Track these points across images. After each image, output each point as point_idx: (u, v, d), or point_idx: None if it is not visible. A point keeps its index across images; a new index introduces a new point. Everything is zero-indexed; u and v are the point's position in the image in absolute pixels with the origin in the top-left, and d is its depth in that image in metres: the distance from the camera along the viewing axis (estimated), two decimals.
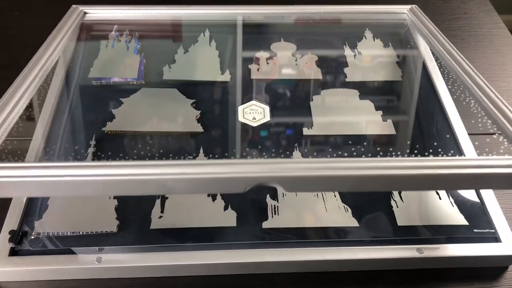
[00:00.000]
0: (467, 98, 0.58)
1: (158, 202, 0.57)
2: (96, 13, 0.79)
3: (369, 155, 0.63)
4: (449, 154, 0.63)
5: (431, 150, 0.64)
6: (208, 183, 0.42)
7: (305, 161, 0.43)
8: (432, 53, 0.76)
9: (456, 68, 0.60)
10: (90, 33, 0.78)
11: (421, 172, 0.42)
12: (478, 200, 0.59)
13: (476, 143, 0.66)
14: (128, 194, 0.43)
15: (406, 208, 0.58)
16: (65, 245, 0.53)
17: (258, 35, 0.80)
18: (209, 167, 0.41)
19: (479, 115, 0.55)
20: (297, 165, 0.43)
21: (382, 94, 0.72)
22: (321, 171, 0.41)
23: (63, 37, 0.66)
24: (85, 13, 0.78)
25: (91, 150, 0.62)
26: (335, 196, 0.59)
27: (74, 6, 0.76)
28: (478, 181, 0.44)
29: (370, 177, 0.42)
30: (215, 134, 0.65)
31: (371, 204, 0.58)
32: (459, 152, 0.64)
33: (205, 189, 0.44)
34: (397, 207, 0.58)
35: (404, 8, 0.83)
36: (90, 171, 0.40)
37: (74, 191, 0.42)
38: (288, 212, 0.57)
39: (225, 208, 0.57)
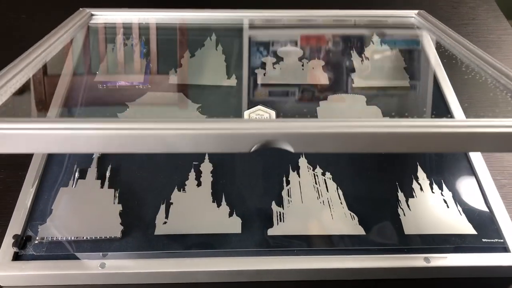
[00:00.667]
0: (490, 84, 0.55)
1: (162, 207, 0.57)
2: (104, 15, 0.79)
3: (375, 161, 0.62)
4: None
5: (438, 159, 0.64)
6: (211, 140, 0.39)
7: (313, 120, 0.40)
8: (442, 53, 0.75)
9: (476, 59, 0.58)
10: (97, 36, 0.78)
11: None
12: (486, 209, 0.58)
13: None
14: (129, 151, 0.40)
15: (413, 216, 0.57)
16: (68, 250, 0.53)
17: (265, 40, 0.80)
18: (213, 123, 0.39)
19: None
20: (306, 123, 0.40)
21: (390, 100, 0.71)
22: (329, 128, 0.39)
23: (65, 32, 0.65)
24: (92, 14, 0.78)
25: (96, 155, 0.62)
26: (341, 203, 0.58)
27: (81, 8, 0.76)
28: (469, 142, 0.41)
29: (375, 136, 0.39)
30: None
31: (378, 212, 0.57)
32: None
33: (207, 146, 0.40)
34: (404, 215, 0.57)
35: (411, 12, 0.83)
36: (96, 125, 0.39)
37: (74, 146, 0.39)
38: (293, 219, 0.56)
39: (230, 215, 0.56)
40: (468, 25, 0.91)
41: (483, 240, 0.55)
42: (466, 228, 0.56)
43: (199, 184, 0.60)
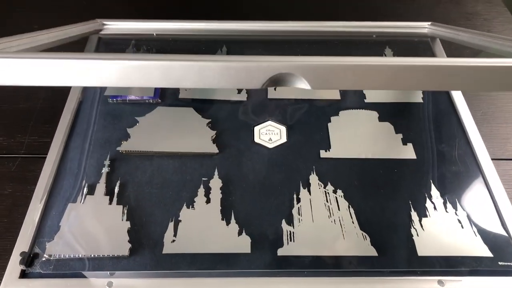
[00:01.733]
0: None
1: (171, 225, 0.56)
2: (115, 25, 0.79)
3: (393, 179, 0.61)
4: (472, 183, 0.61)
5: (453, 177, 0.62)
6: (221, 73, 0.37)
7: (329, 57, 0.38)
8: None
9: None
10: (108, 47, 0.78)
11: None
12: (503, 230, 0.57)
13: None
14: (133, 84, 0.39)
15: (427, 237, 0.56)
16: (76, 268, 0.52)
17: (275, 52, 0.79)
18: (223, 59, 0.37)
19: None
20: (323, 58, 0.38)
21: (402, 116, 0.70)
22: (342, 62, 0.38)
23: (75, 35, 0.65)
24: (104, 24, 0.79)
25: (105, 170, 0.61)
26: (353, 222, 0.57)
27: (94, 20, 0.77)
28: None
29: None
30: (231, 156, 0.64)
31: (390, 232, 0.56)
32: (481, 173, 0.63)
33: (216, 82, 0.37)
34: (418, 235, 0.56)
35: (424, 24, 0.82)
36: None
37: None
38: (304, 239, 0.55)
39: (239, 233, 0.55)
40: None
41: (499, 263, 0.54)
42: (481, 250, 0.55)
43: (208, 201, 0.59)
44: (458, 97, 0.73)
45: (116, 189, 0.59)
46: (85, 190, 0.59)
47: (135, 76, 0.38)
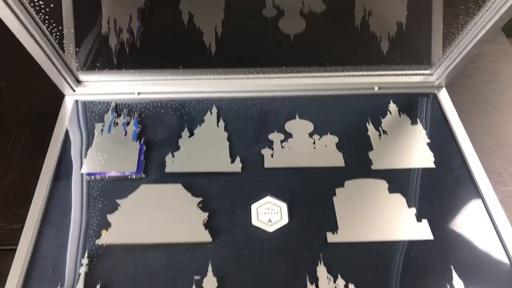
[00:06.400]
0: None
1: None
2: (92, 82, 0.72)
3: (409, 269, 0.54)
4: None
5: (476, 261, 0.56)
6: None
7: None
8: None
9: None
10: (84, 114, 0.70)
11: None
12: None
13: None
14: None
15: None
16: None
17: (271, 111, 0.72)
18: None
19: None
20: None
21: (414, 185, 0.63)
22: None
23: None
24: (79, 81, 0.71)
25: (83, 270, 0.53)
26: None
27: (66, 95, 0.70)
28: None
29: None
30: (225, 244, 0.56)
31: None
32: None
33: None
34: None
35: (427, 71, 0.75)
36: None
37: None
38: None
39: None
40: (490, 82, 0.84)
41: None
42: None
43: None
44: (472, 158, 0.66)
45: None
46: None
47: None
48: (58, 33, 0.62)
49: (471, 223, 0.59)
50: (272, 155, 0.66)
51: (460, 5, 0.63)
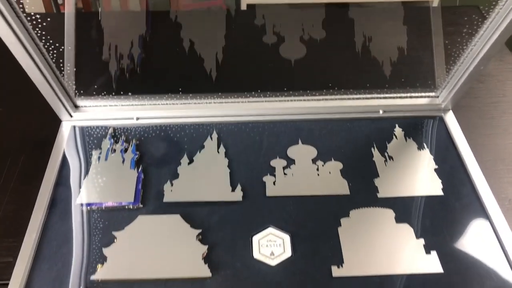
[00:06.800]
0: None
1: None
2: (89, 107, 0.70)
3: None
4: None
5: None
6: None
7: None
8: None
9: None
10: (82, 140, 0.68)
11: None
12: None
13: None
14: None
15: None
16: None
17: (273, 135, 0.70)
18: None
19: None
20: None
21: (422, 214, 0.61)
22: None
23: None
24: (77, 106, 0.70)
25: None
26: None
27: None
28: None
29: None
30: (226, 280, 0.54)
31: None
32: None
33: None
34: None
35: (434, 93, 0.73)
36: None
37: None
38: None
39: None
40: (498, 104, 0.82)
41: None
42: None
43: None
44: (482, 185, 0.64)
45: None
46: None
47: None
48: (57, 55, 0.60)
49: (482, 254, 0.57)
50: (274, 183, 0.64)
51: (461, 23, 0.62)
